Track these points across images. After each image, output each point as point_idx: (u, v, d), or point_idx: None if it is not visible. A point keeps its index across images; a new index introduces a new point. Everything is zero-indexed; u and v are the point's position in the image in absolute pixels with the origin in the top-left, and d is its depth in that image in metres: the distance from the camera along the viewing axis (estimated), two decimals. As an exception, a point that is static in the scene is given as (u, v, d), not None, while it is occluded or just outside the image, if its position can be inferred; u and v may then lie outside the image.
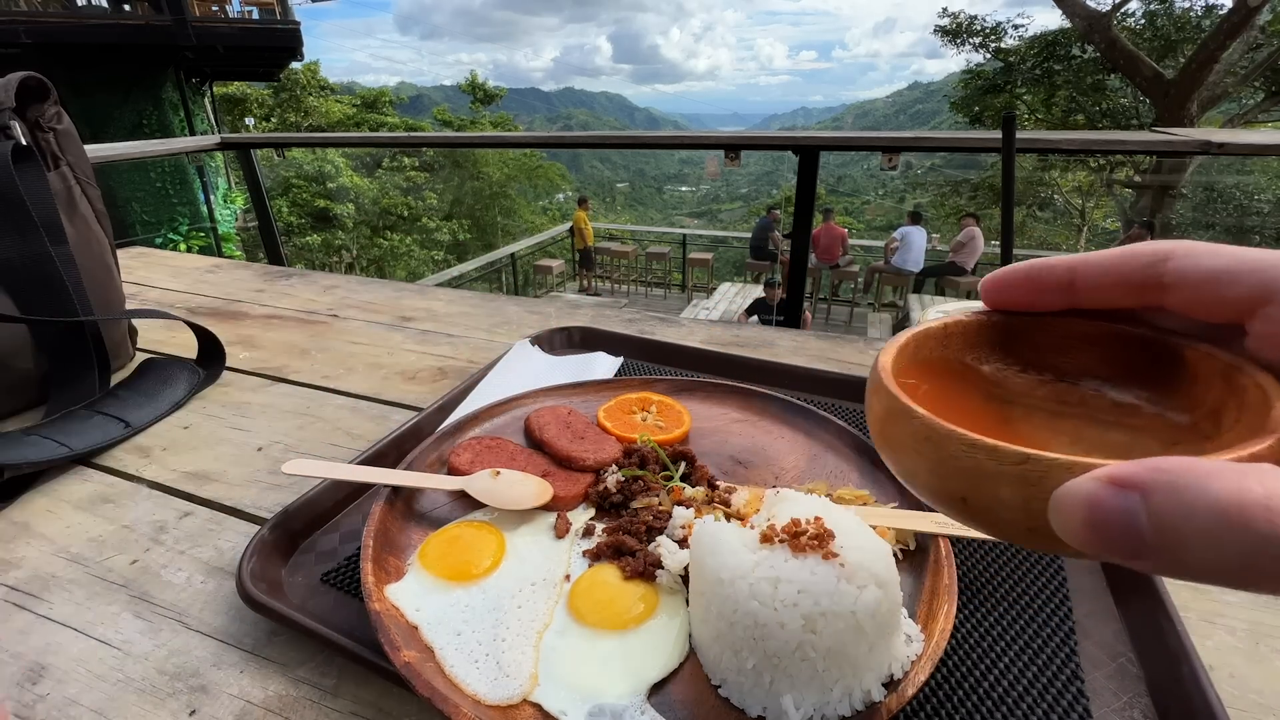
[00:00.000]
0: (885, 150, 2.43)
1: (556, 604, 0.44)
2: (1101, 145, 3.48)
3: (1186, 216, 10.83)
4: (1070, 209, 14.47)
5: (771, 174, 45.95)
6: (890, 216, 23.96)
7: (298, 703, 0.40)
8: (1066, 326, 0.27)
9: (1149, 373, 0.25)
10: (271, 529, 0.50)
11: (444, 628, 0.41)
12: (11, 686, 0.41)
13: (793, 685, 0.35)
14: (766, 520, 0.40)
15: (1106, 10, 9.46)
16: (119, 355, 0.83)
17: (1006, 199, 0.53)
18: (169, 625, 0.45)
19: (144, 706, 0.40)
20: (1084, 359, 0.27)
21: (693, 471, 0.57)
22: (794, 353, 0.91)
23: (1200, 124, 9.07)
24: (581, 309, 1.07)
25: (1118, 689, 0.40)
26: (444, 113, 23.35)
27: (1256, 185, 11.13)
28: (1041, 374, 0.27)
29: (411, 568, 0.46)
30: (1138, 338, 0.25)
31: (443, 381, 0.83)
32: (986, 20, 12.74)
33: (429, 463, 0.57)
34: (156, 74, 8.44)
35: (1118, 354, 0.26)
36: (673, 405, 0.67)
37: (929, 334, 0.28)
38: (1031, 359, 0.28)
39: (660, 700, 0.38)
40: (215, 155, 8.76)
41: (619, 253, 9.93)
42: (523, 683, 0.37)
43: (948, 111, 18.29)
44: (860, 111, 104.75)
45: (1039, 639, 0.43)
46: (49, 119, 0.77)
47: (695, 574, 0.41)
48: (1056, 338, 0.27)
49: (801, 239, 2.66)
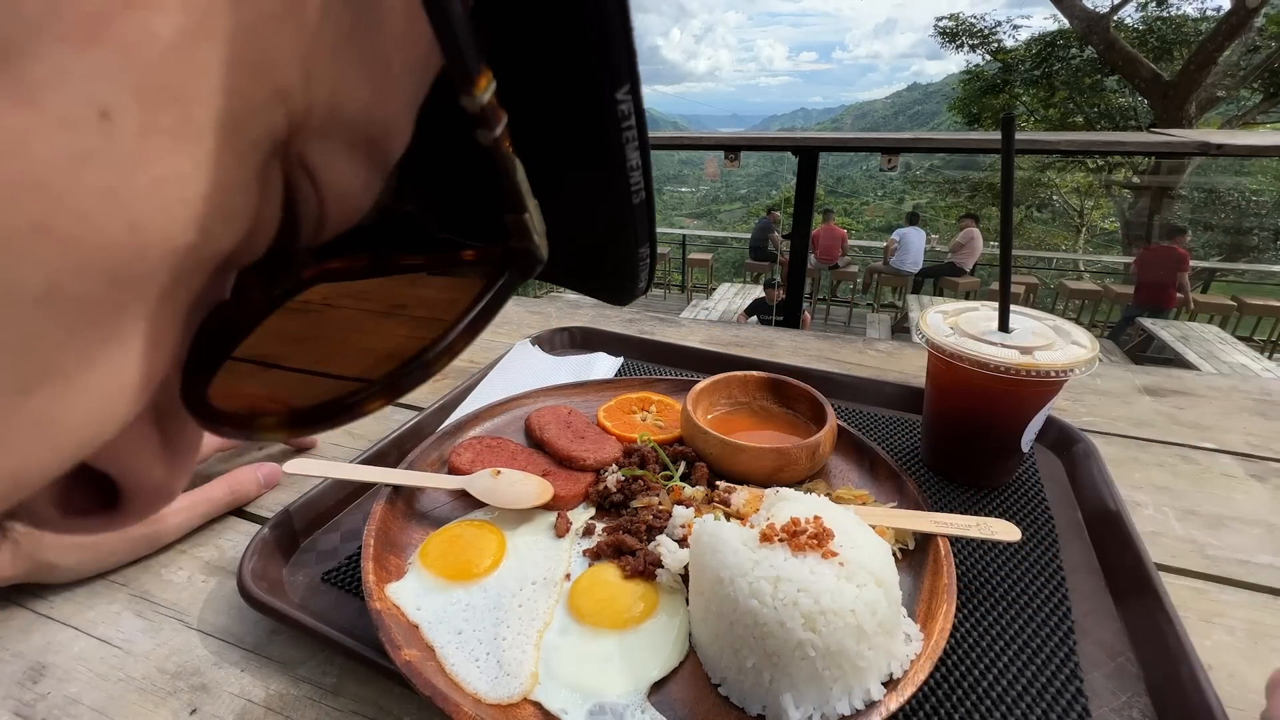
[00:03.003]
0: (884, 151, 2.44)
1: (557, 603, 0.44)
2: (1100, 146, 3.49)
3: (1185, 217, 10.85)
4: (1069, 210, 14.48)
5: (771, 175, 46.03)
6: (889, 217, 23.97)
7: (299, 701, 0.40)
8: (745, 378, 0.67)
9: (781, 395, 0.66)
10: (272, 528, 0.50)
11: (445, 626, 0.41)
12: (12, 685, 0.41)
13: (792, 684, 0.35)
14: (766, 519, 0.40)
15: (1105, 12, 9.47)
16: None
17: (1006, 200, 0.53)
18: (170, 624, 0.45)
19: (145, 705, 0.40)
20: (756, 392, 0.67)
21: (693, 471, 0.57)
22: (793, 353, 0.91)
23: (1199, 125, 9.09)
24: (582, 309, 1.07)
25: (1117, 688, 0.40)
26: (443, 113, 23.26)
27: (1255, 186, 11.16)
28: (739, 400, 0.67)
29: (412, 567, 0.46)
30: (773, 380, 0.66)
31: (443, 381, 0.83)
32: (986, 19, 12.76)
33: (430, 462, 0.57)
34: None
35: (769, 388, 0.66)
36: (673, 405, 0.67)
37: (701, 389, 0.64)
38: (736, 395, 0.67)
39: (660, 699, 0.38)
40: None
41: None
42: (523, 681, 0.38)
43: (946, 113, 18.32)
44: (859, 112, 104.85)
45: (1038, 638, 0.43)
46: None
47: (695, 573, 0.41)
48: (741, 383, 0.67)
49: (801, 239, 2.66)
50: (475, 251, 0.15)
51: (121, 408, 0.12)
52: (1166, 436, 0.70)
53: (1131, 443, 0.69)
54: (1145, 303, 5.91)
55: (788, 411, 0.65)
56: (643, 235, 0.18)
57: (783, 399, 0.65)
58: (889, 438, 0.67)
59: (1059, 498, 0.58)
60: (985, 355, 0.51)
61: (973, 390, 0.55)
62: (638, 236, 0.18)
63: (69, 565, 0.47)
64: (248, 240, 0.13)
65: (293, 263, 0.16)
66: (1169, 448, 0.68)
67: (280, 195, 0.13)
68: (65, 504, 0.15)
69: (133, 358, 0.12)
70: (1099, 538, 0.52)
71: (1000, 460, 0.57)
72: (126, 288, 0.11)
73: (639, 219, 0.17)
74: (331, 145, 0.13)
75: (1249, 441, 0.69)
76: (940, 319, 0.58)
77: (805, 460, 0.55)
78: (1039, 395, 0.53)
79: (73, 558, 0.47)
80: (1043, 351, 0.52)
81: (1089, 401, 0.78)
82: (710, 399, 0.65)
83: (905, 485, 0.53)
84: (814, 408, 0.61)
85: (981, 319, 0.57)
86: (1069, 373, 0.51)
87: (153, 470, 0.15)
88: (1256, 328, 6.14)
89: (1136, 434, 0.71)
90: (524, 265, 0.14)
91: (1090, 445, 0.61)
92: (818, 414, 0.60)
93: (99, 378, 0.11)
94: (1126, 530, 0.49)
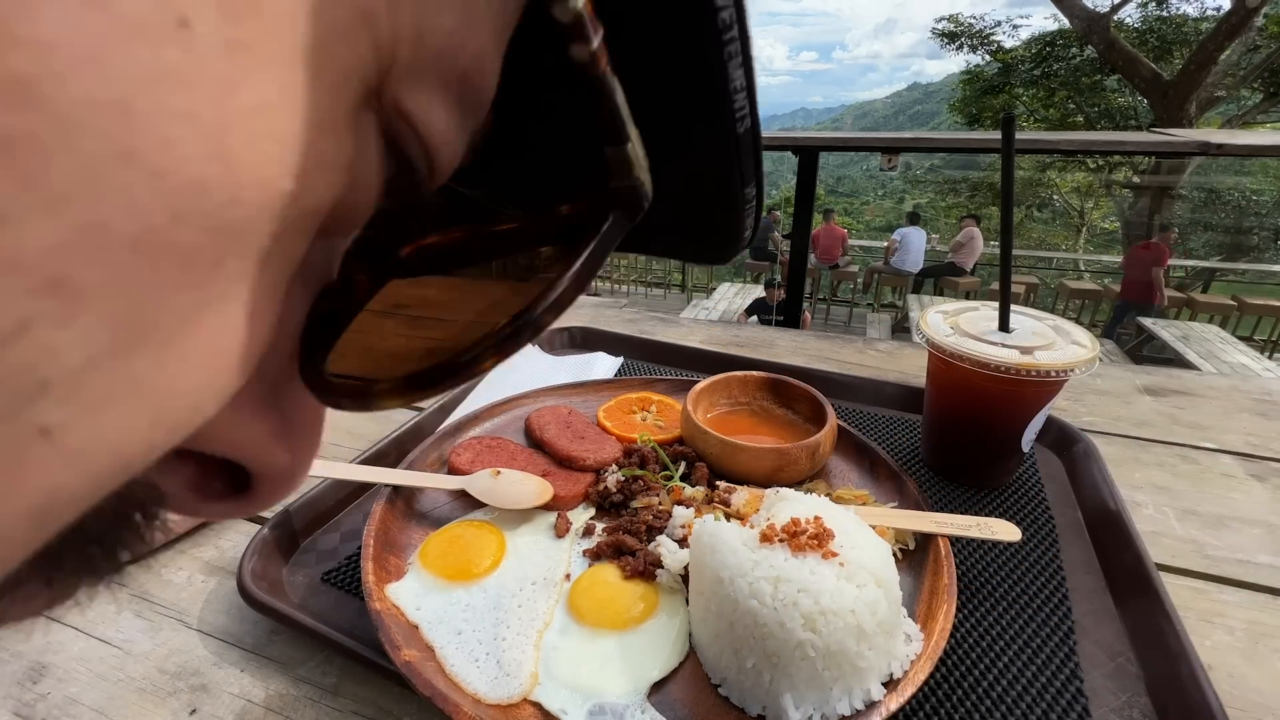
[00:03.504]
0: (884, 151, 2.44)
1: (557, 603, 0.44)
2: (1100, 146, 3.48)
3: (1185, 217, 10.85)
4: (1069, 209, 14.48)
5: (771, 174, 46.02)
6: (889, 217, 23.98)
7: (298, 701, 0.40)
8: (745, 378, 0.67)
9: (780, 395, 0.66)
10: (272, 528, 0.50)
11: (444, 627, 0.41)
12: (12, 685, 0.41)
13: (792, 684, 0.35)
14: (766, 520, 0.40)
15: (1105, 11, 9.47)
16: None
17: (1006, 200, 0.53)
18: (170, 624, 0.45)
19: (145, 705, 0.40)
20: (756, 392, 0.67)
21: (693, 471, 0.57)
22: (793, 353, 0.91)
23: (1199, 125, 9.08)
24: (582, 309, 1.07)
25: (1117, 688, 0.40)
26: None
27: (1255, 186, 11.16)
28: (739, 400, 0.67)
29: (412, 567, 0.46)
30: (773, 380, 0.66)
31: (443, 381, 0.83)
32: (985, 19, 12.76)
33: (430, 462, 0.57)
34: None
35: (768, 388, 0.67)
36: (673, 405, 0.67)
37: (701, 389, 0.64)
38: (736, 395, 0.67)
39: (660, 699, 0.38)
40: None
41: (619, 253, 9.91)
42: (523, 681, 0.38)
43: (946, 113, 18.31)
44: (860, 112, 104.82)
45: (1038, 638, 0.43)
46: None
47: (695, 573, 0.41)
48: (740, 383, 0.67)
49: (801, 239, 2.66)
50: (574, 205, 0.14)
51: (223, 379, 0.11)
52: (1167, 436, 0.70)
53: (1132, 443, 0.69)
54: (1132, 299, 5.99)
55: (788, 412, 0.65)
56: (749, 172, 0.16)
57: (783, 399, 0.65)
58: (889, 438, 0.67)
59: (1059, 498, 0.57)
60: (986, 355, 0.51)
61: (973, 390, 0.55)
62: (743, 174, 0.16)
63: None
64: (348, 199, 0.12)
65: (394, 237, 0.15)
66: (1169, 448, 0.68)
67: (377, 150, 0.12)
68: (201, 490, 0.14)
69: (233, 326, 0.11)
70: (1099, 537, 0.52)
71: (1001, 460, 0.57)
72: (225, 239, 0.10)
73: (744, 151, 0.15)
74: (425, 85, 0.12)
75: (1249, 441, 0.69)
76: (940, 319, 0.58)
77: (805, 460, 0.55)
78: (1039, 395, 0.53)
79: None
80: (1043, 351, 0.52)
81: (1089, 401, 0.78)
82: (710, 399, 0.65)
83: (905, 485, 0.53)
84: (814, 408, 0.61)
85: (981, 319, 0.57)
86: (1069, 372, 0.51)
87: (276, 453, 0.14)
88: (1256, 328, 6.15)
89: (1137, 434, 0.71)
90: (630, 205, 0.13)
91: (1090, 445, 0.61)
92: (818, 414, 0.60)
93: (199, 345, 0.10)
94: (1127, 530, 0.49)
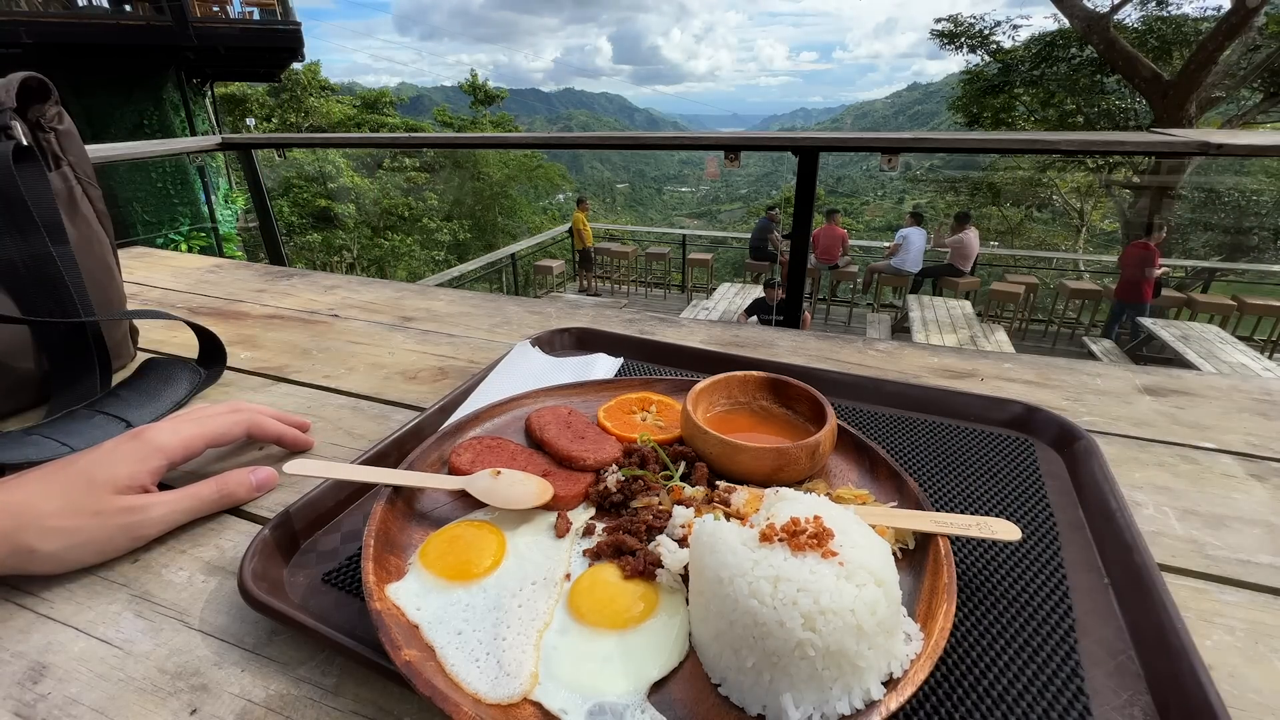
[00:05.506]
0: (884, 151, 2.43)
1: (557, 603, 0.44)
2: (1100, 146, 3.48)
3: (1185, 217, 10.84)
4: (1069, 210, 14.47)
5: (771, 175, 45.99)
6: (889, 217, 23.96)
7: (299, 702, 0.40)
8: (745, 378, 0.67)
9: (780, 395, 0.66)
10: (273, 529, 0.50)
11: (445, 627, 0.41)
12: (12, 685, 0.41)
13: (792, 684, 0.35)
14: (766, 519, 0.40)
15: (1105, 11, 9.46)
16: (120, 355, 0.83)
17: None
18: (170, 624, 0.45)
19: (145, 705, 0.40)
20: (756, 392, 0.67)
21: (693, 471, 0.57)
22: (793, 353, 0.91)
23: (1199, 125, 9.08)
24: (582, 309, 1.07)
25: (1118, 687, 0.40)
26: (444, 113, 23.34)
27: (1255, 186, 11.14)
28: (738, 400, 0.67)
29: (412, 567, 0.46)
30: (773, 380, 0.66)
31: (443, 381, 0.83)
32: (985, 19, 12.75)
33: (430, 462, 0.57)
34: (157, 74, 8.42)
35: (768, 388, 0.66)
36: (673, 405, 0.67)
37: (701, 389, 0.63)
38: (736, 395, 0.67)
39: (660, 699, 0.38)
40: (216, 156, 8.75)
41: (619, 253, 9.92)
42: (523, 681, 0.38)
43: (946, 113, 18.31)
44: (860, 112, 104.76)
45: (1039, 637, 0.43)
46: (50, 119, 0.77)
47: (695, 573, 0.41)
48: (740, 383, 0.67)
49: (801, 239, 2.66)
50: None
51: None
52: (1167, 436, 0.70)
53: (1132, 442, 0.69)
54: (1126, 299, 6.04)
55: (788, 411, 0.65)
56: None
57: (783, 399, 0.65)
58: (889, 438, 0.67)
59: (1060, 495, 0.57)
60: None
61: None
62: None
63: (49, 550, 0.47)
64: None
65: None
66: (1169, 447, 0.68)
67: None
68: None
69: None
70: (1100, 535, 0.52)
71: None
72: None
73: None
74: None
75: (1249, 441, 0.69)
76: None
77: (805, 460, 0.55)
78: None
79: (51, 543, 0.47)
80: None
81: (1089, 401, 0.78)
82: (710, 399, 0.65)
83: (905, 485, 0.53)
84: (814, 407, 0.61)
85: None
86: None
87: None
88: (1256, 328, 6.15)
89: (1136, 434, 0.71)
90: None
91: (1091, 443, 0.61)
92: (818, 414, 0.60)
93: None
94: (1128, 527, 0.49)
